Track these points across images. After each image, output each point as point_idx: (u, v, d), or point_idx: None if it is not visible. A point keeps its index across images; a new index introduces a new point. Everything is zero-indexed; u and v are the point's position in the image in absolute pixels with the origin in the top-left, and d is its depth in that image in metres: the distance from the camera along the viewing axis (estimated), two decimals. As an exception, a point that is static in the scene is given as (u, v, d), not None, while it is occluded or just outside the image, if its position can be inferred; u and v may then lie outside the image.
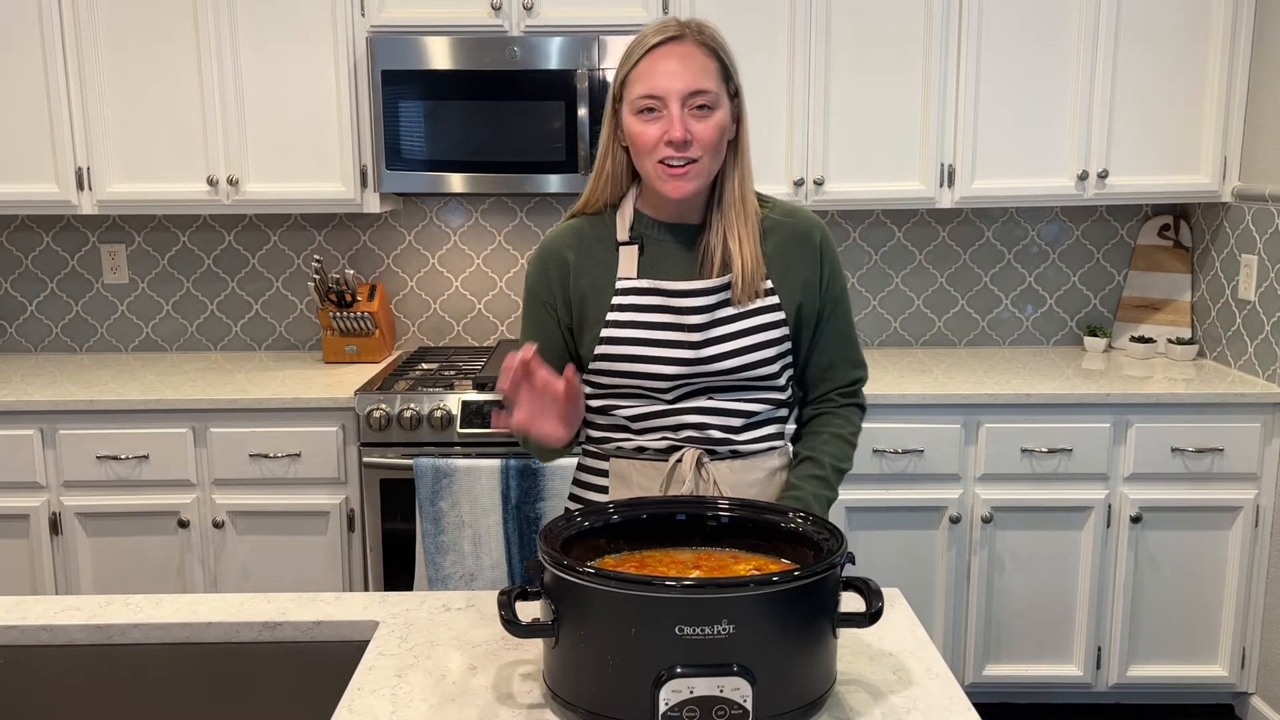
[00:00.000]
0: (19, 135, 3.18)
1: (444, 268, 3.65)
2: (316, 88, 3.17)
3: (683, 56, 1.60)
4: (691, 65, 1.60)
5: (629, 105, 1.63)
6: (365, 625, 1.60)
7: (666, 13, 3.11)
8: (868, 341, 3.68)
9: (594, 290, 1.71)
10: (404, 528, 2.97)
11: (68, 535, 3.04)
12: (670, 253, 1.71)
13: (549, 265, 1.75)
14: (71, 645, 1.59)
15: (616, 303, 1.69)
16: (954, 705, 1.35)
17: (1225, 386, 3.05)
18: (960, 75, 3.17)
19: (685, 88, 1.59)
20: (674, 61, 1.60)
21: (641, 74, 1.61)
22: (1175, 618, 3.11)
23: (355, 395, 3.00)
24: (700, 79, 1.60)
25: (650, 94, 1.59)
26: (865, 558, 3.00)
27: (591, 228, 1.75)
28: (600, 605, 1.24)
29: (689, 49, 1.61)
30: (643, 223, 1.72)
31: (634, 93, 1.61)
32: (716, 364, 1.68)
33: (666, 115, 1.59)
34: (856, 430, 1.81)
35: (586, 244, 1.73)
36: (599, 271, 1.72)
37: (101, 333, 3.68)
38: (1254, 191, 3.15)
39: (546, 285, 1.74)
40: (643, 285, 1.69)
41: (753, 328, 1.69)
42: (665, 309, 1.68)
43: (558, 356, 1.74)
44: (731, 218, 1.68)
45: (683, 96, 1.59)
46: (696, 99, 1.59)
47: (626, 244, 1.71)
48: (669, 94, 1.58)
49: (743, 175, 1.69)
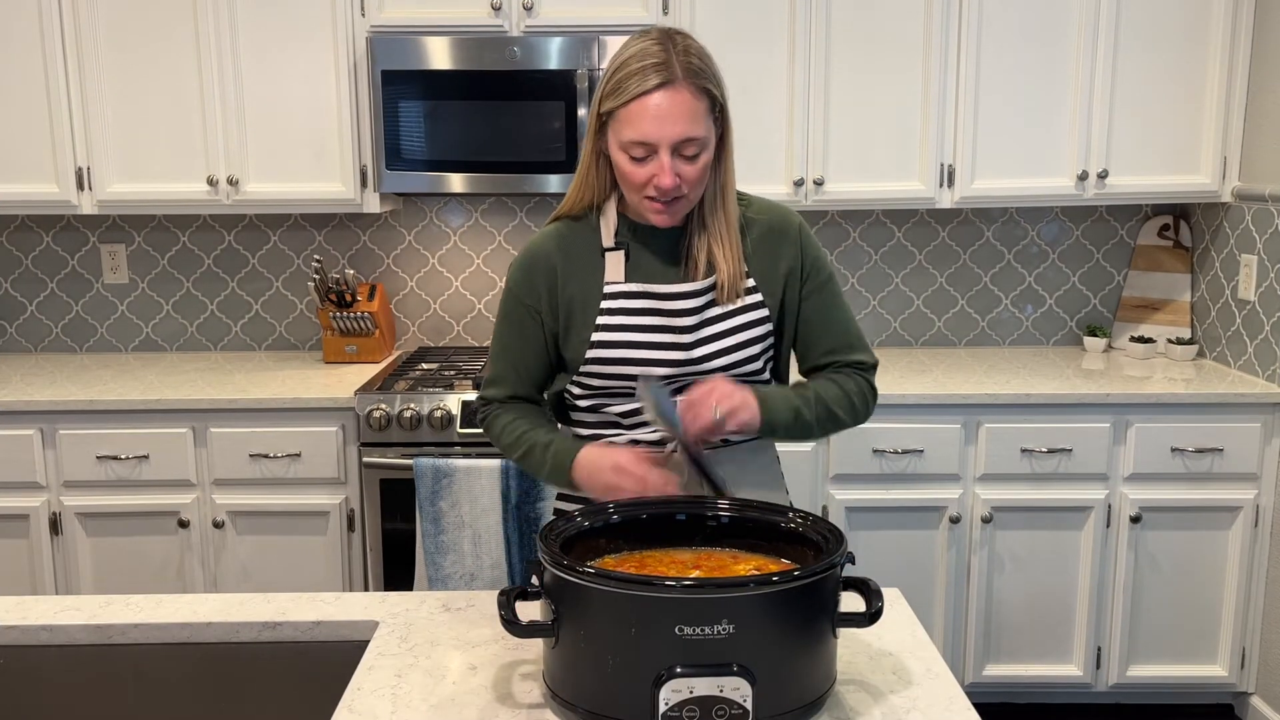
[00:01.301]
0: (19, 135, 3.18)
1: (444, 268, 3.65)
2: (316, 88, 3.17)
3: (674, 103, 1.57)
4: (683, 112, 1.58)
5: (617, 141, 1.62)
6: (365, 625, 1.60)
7: (667, 13, 3.11)
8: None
9: (581, 295, 1.72)
10: (404, 528, 2.97)
11: (68, 535, 3.04)
12: (654, 255, 1.73)
13: (535, 272, 1.75)
14: (71, 645, 1.59)
15: (606, 306, 1.70)
16: (954, 705, 1.35)
17: (1225, 386, 3.05)
18: (960, 75, 3.17)
19: (676, 136, 1.58)
20: (665, 109, 1.57)
21: (632, 118, 1.58)
22: (1175, 618, 3.11)
23: (355, 395, 3.00)
24: (690, 127, 1.58)
25: (641, 140, 1.59)
26: (865, 558, 3.00)
27: (574, 232, 1.75)
28: (600, 605, 1.24)
29: (680, 95, 1.58)
30: (626, 226, 1.74)
31: (624, 134, 1.60)
32: (707, 363, 1.70)
33: (656, 160, 1.59)
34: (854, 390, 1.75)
35: (571, 249, 1.74)
36: (585, 276, 1.73)
37: (101, 333, 3.68)
38: (1254, 191, 3.15)
39: (532, 291, 1.75)
40: (632, 289, 1.70)
41: (739, 326, 1.71)
42: (655, 311, 1.70)
43: (538, 363, 1.77)
44: (712, 223, 1.69)
45: (673, 145, 1.58)
46: (687, 146, 1.59)
47: (612, 249, 1.72)
48: (660, 142, 1.58)
49: (724, 182, 1.69)
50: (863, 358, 1.79)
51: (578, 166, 1.74)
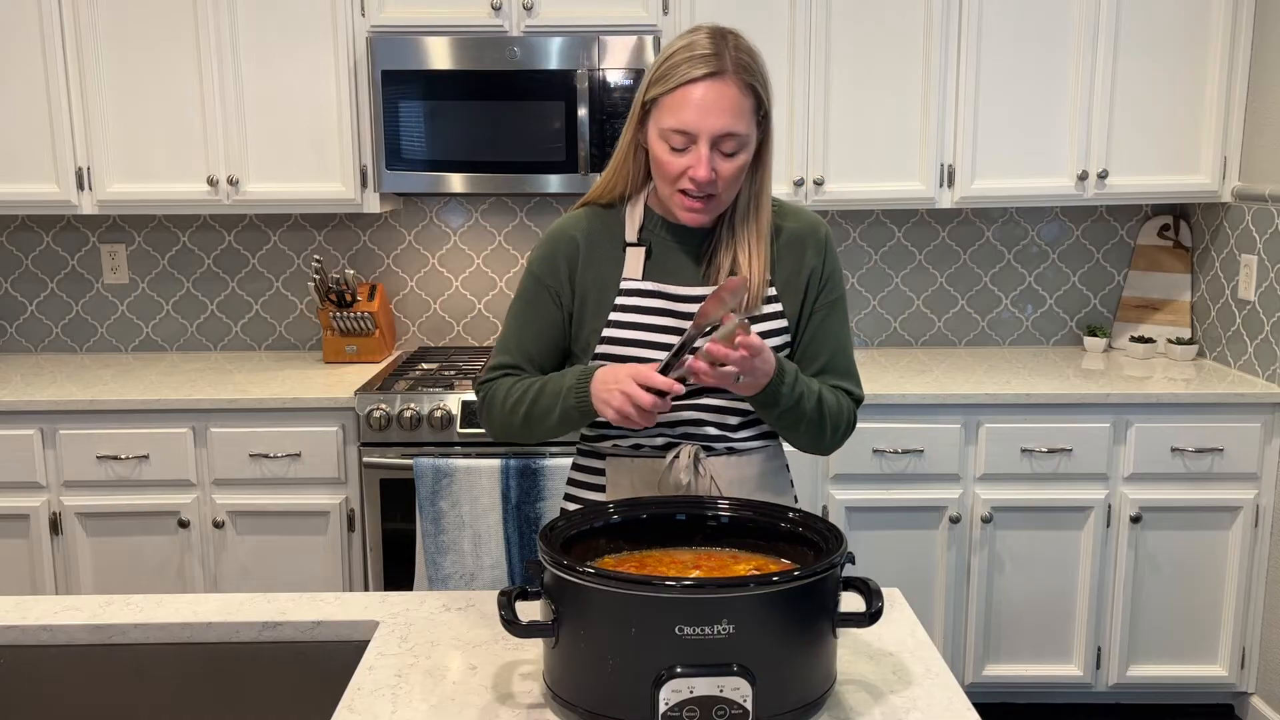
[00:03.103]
0: (19, 135, 3.18)
1: (444, 268, 3.65)
2: (317, 88, 3.17)
3: (720, 95, 1.56)
4: (727, 105, 1.56)
5: (657, 128, 1.61)
6: (365, 625, 1.60)
7: (667, 13, 3.11)
8: (868, 341, 3.68)
9: (598, 284, 1.71)
10: (404, 528, 2.97)
11: (68, 535, 3.04)
12: (677, 255, 1.71)
13: (559, 252, 1.73)
14: (71, 645, 1.59)
15: (620, 303, 1.69)
16: (954, 705, 1.35)
17: (1225, 386, 3.05)
18: (960, 75, 3.18)
19: (717, 129, 1.56)
20: (710, 99, 1.56)
21: (675, 105, 1.57)
22: (1175, 618, 3.11)
23: (355, 395, 3.00)
24: (734, 122, 1.57)
25: (682, 129, 1.57)
26: (865, 558, 3.00)
27: (601, 221, 1.74)
28: (600, 605, 1.24)
29: (727, 88, 1.56)
30: (653, 221, 1.72)
31: (665, 121, 1.58)
32: None
33: (694, 151, 1.58)
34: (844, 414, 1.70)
35: (596, 236, 1.73)
36: (605, 266, 1.71)
37: (101, 333, 3.68)
38: (1254, 191, 3.15)
39: (554, 271, 1.73)
40: (647, 287, 1.69)
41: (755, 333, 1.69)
42: (669, 312, 1.68)
43: (552, 344, 1.74)
44: (742, 231, 1.67)
45: (713, 137, 1.57)
46: (727, 142, 1.58)
47: (634, 245, 1.71)
48: (700, 133, 1.56)
49: (759, 191, 1.67)
50: (852, 388, 1.75)
51: (614, 155, 1.72)
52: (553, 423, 1.64)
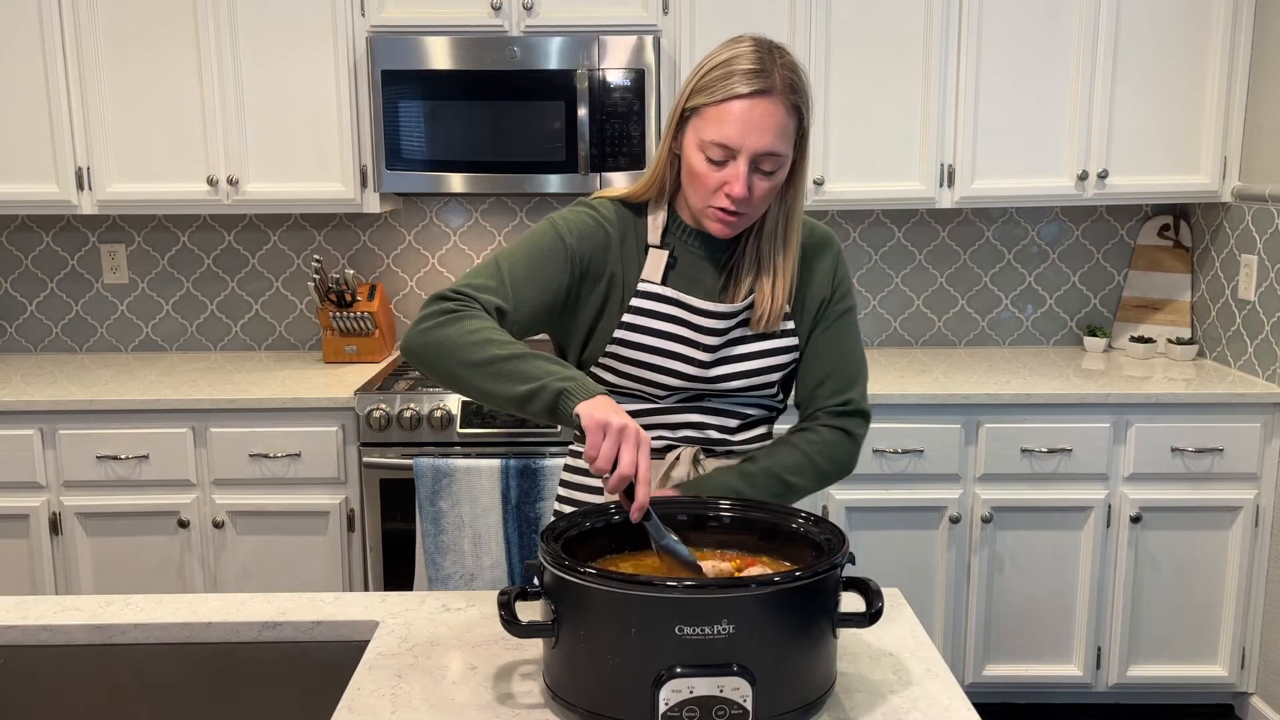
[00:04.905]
0: (19, 135, 3.18)
1: (444, 268, 3.65)
2: (316, 88, 3.17)
3: (765, 114, 1.53)
4: (772, 125, 1.53)
5: (697, 138, 1.57)
6: (365, 625, 1.60)
7: (667, 13, 3.11)
8: (868, 341, 3.68)
9: (615, 280, 1.67)
10: (404, 528, 2.97)
11: (68, 535, 3.04)
12: (698, 264, 1.68)
13: (592, 225, 1.66)
14: (71, 645, 1.58)
15: (635, 305, 1.66)
16: (954, 705, 1.35)
17: (1225, 386, 3.05)
18: (960, 75, 3.17)
19: (760, 148, 1.53)
20: (755, 117, 1.53)
21: (719, 118, 1.54)
22: (1175, 618, 3.11)
23: (355, 395, 3.00)
24: (776, 142, 1.54)
25: (724, 143, 1.54)
26: (865, 558, 3.00)
27: (626, 217, 1.70)
28: (600, 605, 1.24)
29: (774, 107, 1.53)
30: (677, 225, 1.69)
31: (707, 133, 1.55)
32: (723, 383, 1.67)
33: (733, 166, 1.55)
34: (827, 446, 1.69)
35: (625, 230, 1.69)
36: (627, 263, 1.68)
37: (101, 333, 3.68)
38: (1254, 191, 3.15)
39: (582, 239, 1.64)
40: (665, 293, 1.66)
41: (765, 351, 1.68)
42: (682, 321, 1.65)
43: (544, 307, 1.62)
44: (768, 251, 1.65)
45: (753, 156, 1.54)
46: (767, 161, 1.55)
47: (657, 247, 1.68)
48: (742, 149, 1.54)
49: (790, 211, 1.65)
50: (853, 398, 1.71)
51: (655, 157, 1.68)
52: (512, 391, 1.45)
